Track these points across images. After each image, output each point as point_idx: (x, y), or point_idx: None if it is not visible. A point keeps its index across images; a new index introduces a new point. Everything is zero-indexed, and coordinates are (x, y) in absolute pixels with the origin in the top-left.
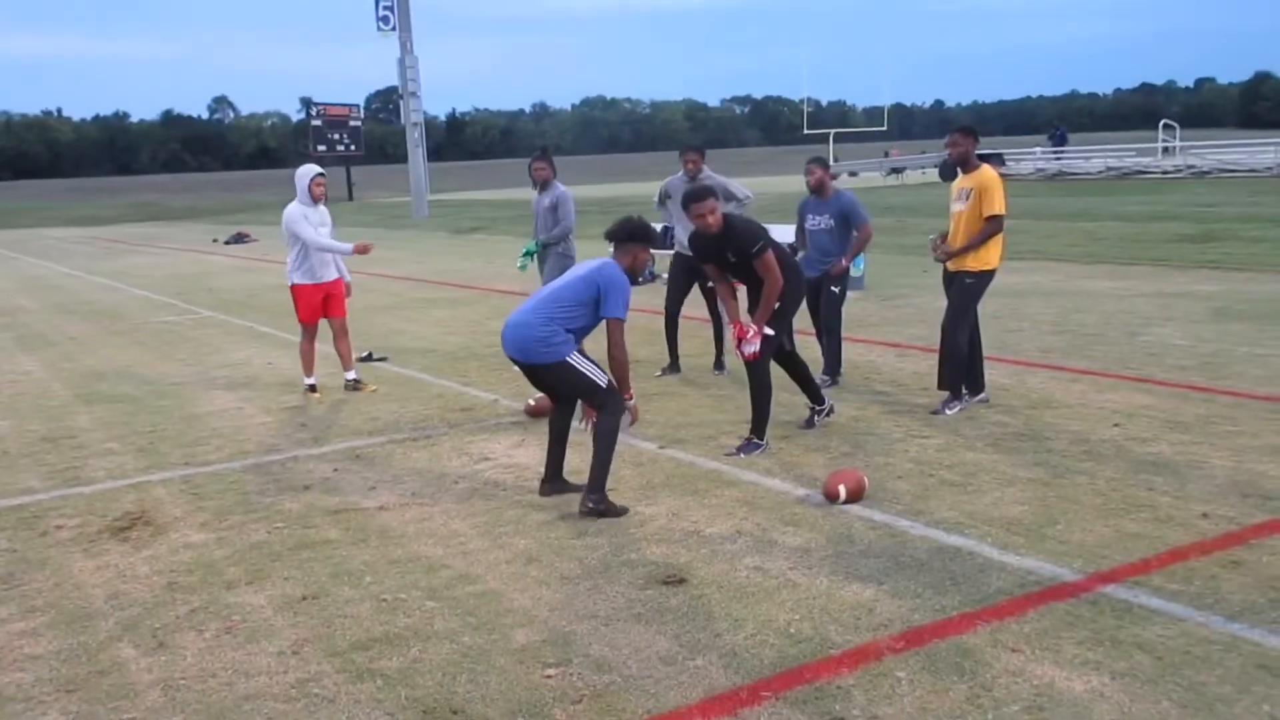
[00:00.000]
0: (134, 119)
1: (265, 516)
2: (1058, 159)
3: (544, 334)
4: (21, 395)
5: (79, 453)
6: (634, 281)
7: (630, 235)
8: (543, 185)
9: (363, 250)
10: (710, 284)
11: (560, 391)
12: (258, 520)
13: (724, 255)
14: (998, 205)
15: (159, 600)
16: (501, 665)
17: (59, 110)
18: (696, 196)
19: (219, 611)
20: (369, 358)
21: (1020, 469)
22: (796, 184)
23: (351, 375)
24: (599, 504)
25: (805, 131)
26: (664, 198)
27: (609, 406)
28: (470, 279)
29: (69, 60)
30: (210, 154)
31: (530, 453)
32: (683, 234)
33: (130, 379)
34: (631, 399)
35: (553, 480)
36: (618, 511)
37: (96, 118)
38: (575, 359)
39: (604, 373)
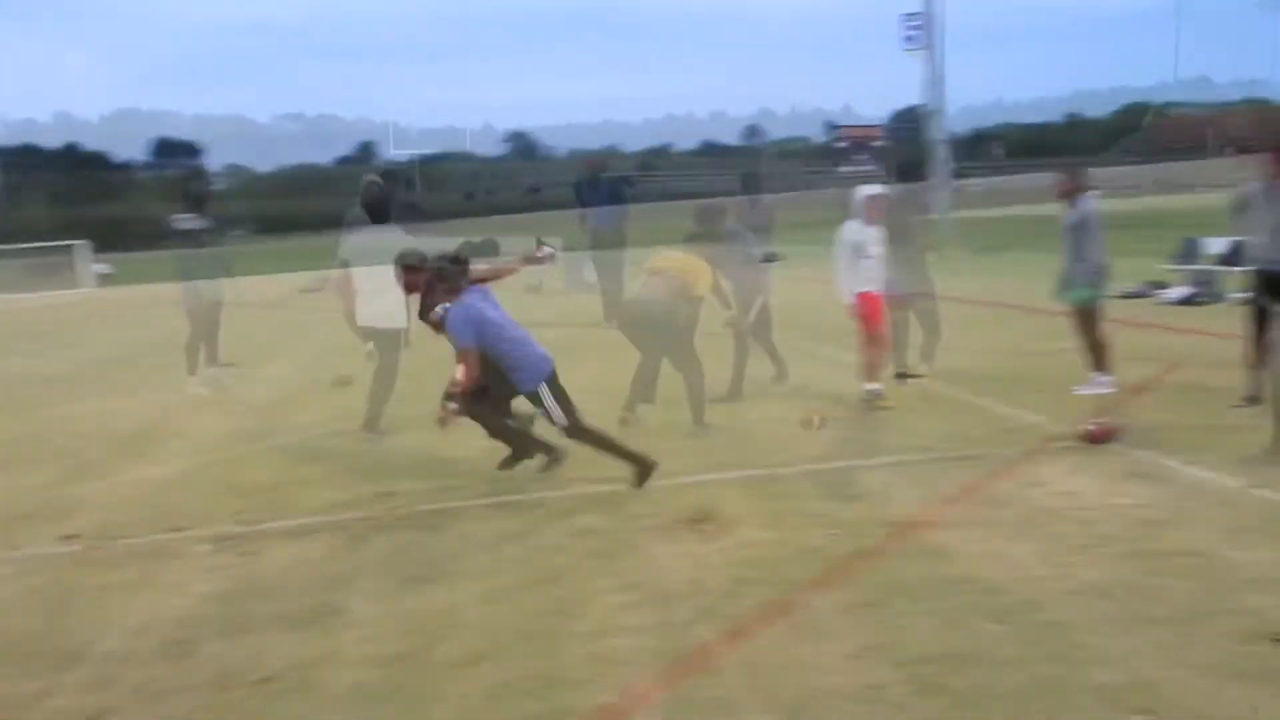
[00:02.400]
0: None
1: (820, 522)
2: None
3: None
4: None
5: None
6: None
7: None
8: (1068, 200)
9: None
10: None
11: None
12: (813, 525)
13: None
14: None
15: (729, 590)
16: (1081, 703)
17: None
18: None
19: (784, 607)
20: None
21: None
22: None
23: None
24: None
25: None
26: (1244, 206)
27: None
28: (1007, 297)
29: None
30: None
31: (1088, 480)
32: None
33: None
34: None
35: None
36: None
37: None
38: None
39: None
